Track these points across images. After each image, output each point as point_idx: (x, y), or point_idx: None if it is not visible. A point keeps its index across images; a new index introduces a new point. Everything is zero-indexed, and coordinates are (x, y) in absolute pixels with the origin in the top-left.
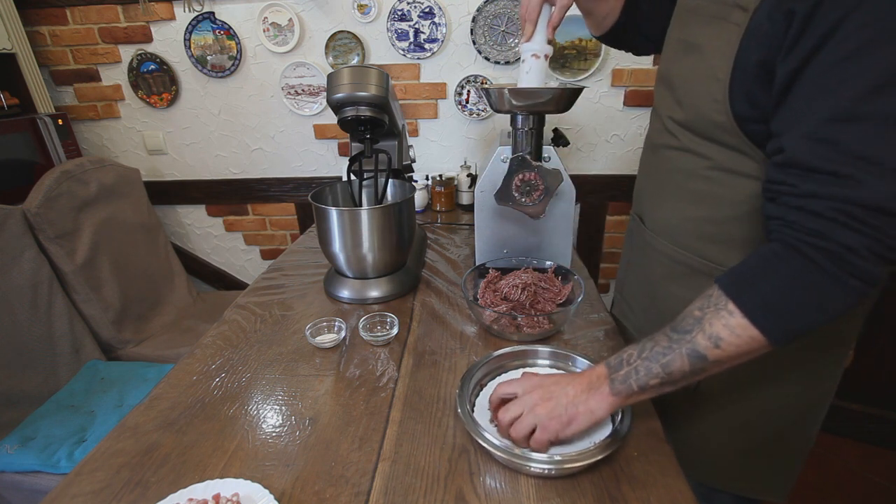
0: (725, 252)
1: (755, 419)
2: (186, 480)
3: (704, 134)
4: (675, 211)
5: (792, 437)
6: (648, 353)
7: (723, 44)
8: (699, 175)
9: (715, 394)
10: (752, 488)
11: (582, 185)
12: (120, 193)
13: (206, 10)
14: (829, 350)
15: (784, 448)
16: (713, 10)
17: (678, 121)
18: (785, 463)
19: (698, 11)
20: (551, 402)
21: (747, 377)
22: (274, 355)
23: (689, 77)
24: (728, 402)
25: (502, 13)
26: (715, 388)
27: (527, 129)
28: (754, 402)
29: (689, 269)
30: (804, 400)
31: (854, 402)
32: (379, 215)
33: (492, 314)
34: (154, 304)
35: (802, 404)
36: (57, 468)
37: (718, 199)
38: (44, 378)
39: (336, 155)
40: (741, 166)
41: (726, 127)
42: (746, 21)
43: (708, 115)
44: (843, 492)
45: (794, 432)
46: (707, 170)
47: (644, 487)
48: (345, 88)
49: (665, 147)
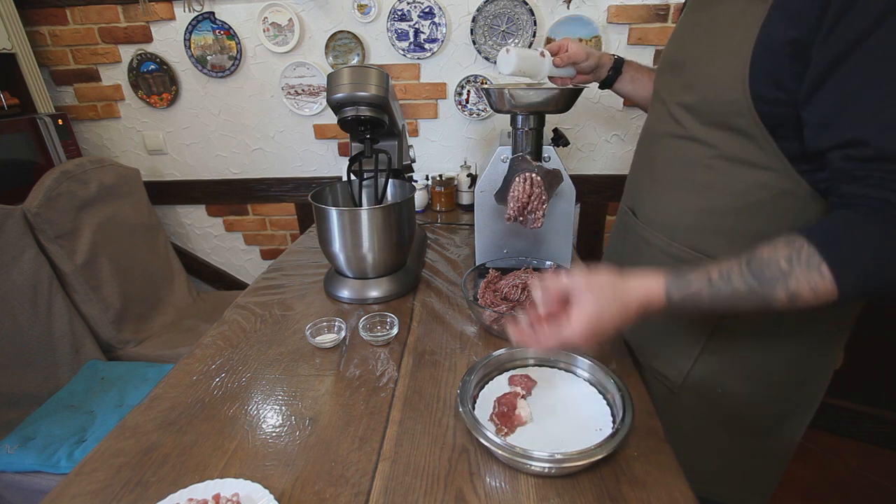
0: (721, 244)
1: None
2: (186, 480)
3: (712, 118)
4: (672, 201)
5: (772, 439)
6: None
7: (746, 20)
8: (700, 164)
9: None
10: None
11: (582, 185)
12: (120, 193)
13: (206, 10)
14: (815, 352)
15: (763, 451)
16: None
17: (686, 105)
18: (765, 469)
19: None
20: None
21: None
22: (274, 355)
23: (704, 57)
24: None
25: (502, 13)
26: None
27: (527, 129)
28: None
29: (680, 262)
30: (787, 403)
31: (853, 401)
32: (379, 215)
33: (492, 314)
34: (154, 304)
35: (785, 407)
36: (57, 468)
37: (718, 188)
38: (44, 378)
39: (336, 155)
40: (746, 154)
41: (740, 107)
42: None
43: (721, 95)
44: (843, 492)
45: (775, 434)
46: (709, 159)
47: (644, 487)
48: (345, 88)
49: (666, 135)
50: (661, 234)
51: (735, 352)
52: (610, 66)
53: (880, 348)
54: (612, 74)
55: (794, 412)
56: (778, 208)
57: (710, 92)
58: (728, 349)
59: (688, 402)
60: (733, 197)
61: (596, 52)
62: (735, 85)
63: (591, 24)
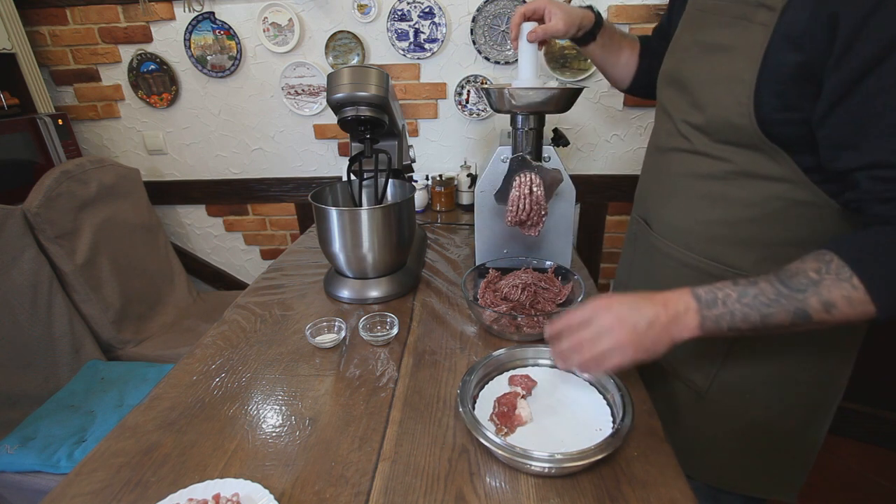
0: (738, 253)
1: (761, 421)
2: (186, 480)
3: (723, 137)
4: (685, 214)
5: (798, 439)
6: (751, 301)
7: (747, 44)
8: (713, 177)
9: (722, 398)
10: (760, 488)
11: (582, 185)
12: (120, 193)
13: (206, 10)
14: (836, 352)
15: (791, 449)
16: (735, 10)
17: (695, 125)
18: (792, 463)
19: (717, 11)
20: (628, 328)
21: (759, 379)
22: (274, 355)
23: (709, 79)
24: (735, 404)
25: (502, 13)
26: (722, 392)
27: (527, 129)
28: (761, 404)
29: (698, 272)
30: (815, 399)
31: (854, 401)
32: (379, 215)
33: (492, 314)
34: (154, 304)
35: (813, 404)
36: (57, 468)
37: (732, 200)
38: (44, 378)
39: (336, 155)
40: (759, 168)
41: (748, 130)
42: (774, 21)
43: (729, 118)
44: (843, 492)
45: (801, 434)
46: (722, 172)
47: (644, 487)
48: (345, 88)
49: (675, 150)
50: (676, 244)
51: (759, 357)
52: (587, 30)
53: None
54: (585, 38)
55: (817, 412)
56: (795, 217)
57: (717, 115)
58: (752, 355)
59: (715, 408)
60: (749, 208)
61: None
62: (742, 111)
63: None
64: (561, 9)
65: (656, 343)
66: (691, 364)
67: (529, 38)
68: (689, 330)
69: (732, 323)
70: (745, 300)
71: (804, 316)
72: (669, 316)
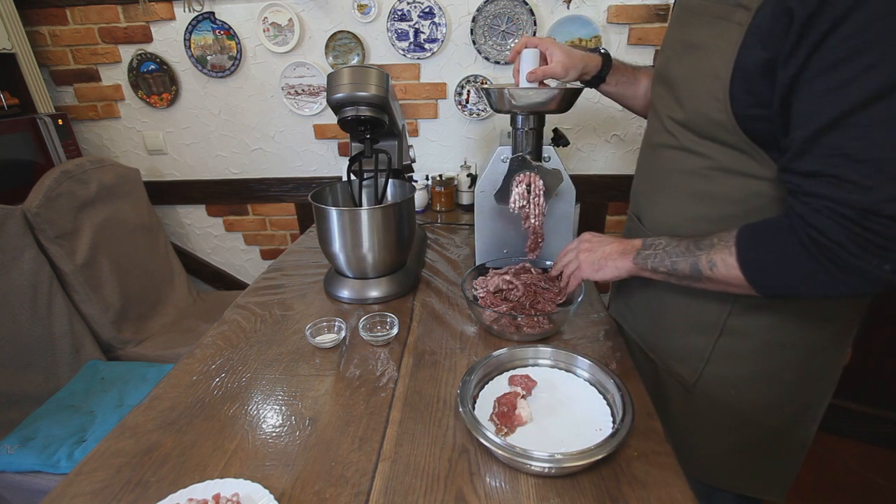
0: None
1: (748, 418)
2: (186, 480)
3: (704, 133)
4: (673, 209)
5: (790, 436)
6: (670, 250)
7: (724, 43)
8: (698, 174)
9: (709, 392)
10: (752, 487)
11: (582, 185)
12: (120, 193)
13: (206, 10)
14: (826, 349)
15: (782, 446)
16: (716, 11)
17: (678, 120)
18: (783, 461)
19: (700, 11)
20: (591, 252)
21: (745, 375)
22: (274, 355)
23: (690, 76)
24: (722, 399)
25: (502, 13)
26: (709, 386)
27: (527, 129)
28: (746, 400)
29: None
30: (802, 398)
31: (853, 401)
32: (379, 215)
33: (492, 314)
34: (154, 304)
35: (800, 403)
36: (57, 468)
37: (716, 197)
38: (44, 378)
39: (336, 155)
40: (741, 165)
41: (726, 126)
42: (749, 20)
43: (708, 114)
44: (843, 492)
45: (792, 430)
46: (706, 169)
47: (644, 487)
48: (345, 88)
49: (663, 146)
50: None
51: (743, 353)
52: (594, 74)
53: (880, 348)
54: (594, 81)
55: (807, 409)
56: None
57: (697, 110)
58: (739, 349)
59: (704, 401)
60: (732, 205)
61: (579, 61)
62: (719, 106)
63: (591, 24)
64: (562, 51)
65: (602, 267)
66: (679, 357)
67: (529, 78)
68: (627, 261)
69: (654, 265)
70: (668, 249)
71: (697, 270)
72: (619, 250)
